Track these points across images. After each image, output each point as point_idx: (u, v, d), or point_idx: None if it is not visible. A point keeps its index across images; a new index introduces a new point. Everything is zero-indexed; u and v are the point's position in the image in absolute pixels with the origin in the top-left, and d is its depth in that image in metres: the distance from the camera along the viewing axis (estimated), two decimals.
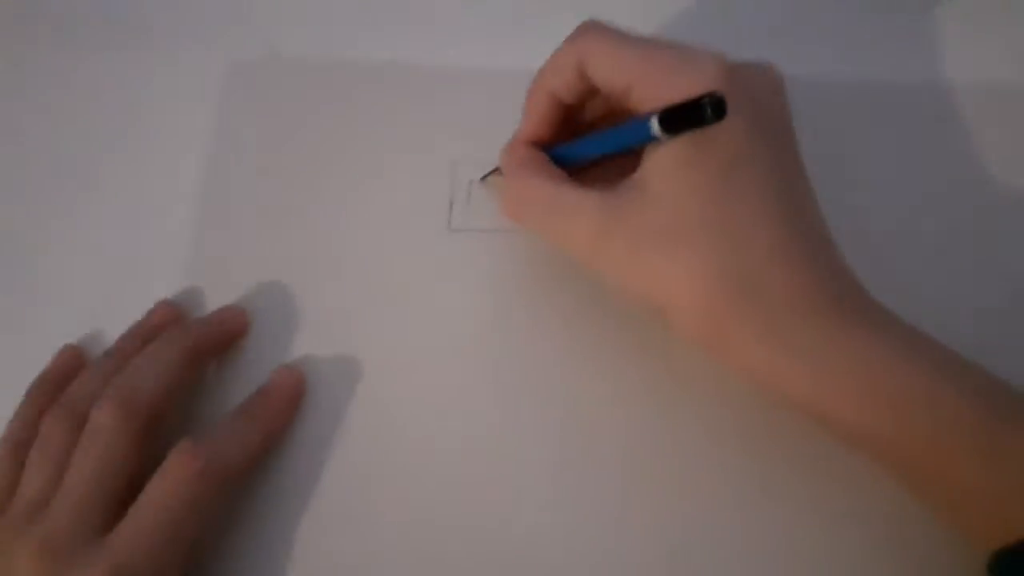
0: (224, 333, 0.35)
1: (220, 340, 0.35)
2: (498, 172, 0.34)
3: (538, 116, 0.31)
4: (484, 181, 0.36)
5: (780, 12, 0.40)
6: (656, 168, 0.28)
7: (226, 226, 0.37)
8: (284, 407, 0.33)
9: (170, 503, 0.29)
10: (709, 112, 0.25)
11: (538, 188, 0.30)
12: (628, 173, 0.29)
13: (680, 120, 0.26)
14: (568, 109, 0.31)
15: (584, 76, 0.29)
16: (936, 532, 0.29)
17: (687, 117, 0.26)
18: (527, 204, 0.31)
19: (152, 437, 0.31)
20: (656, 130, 0.26)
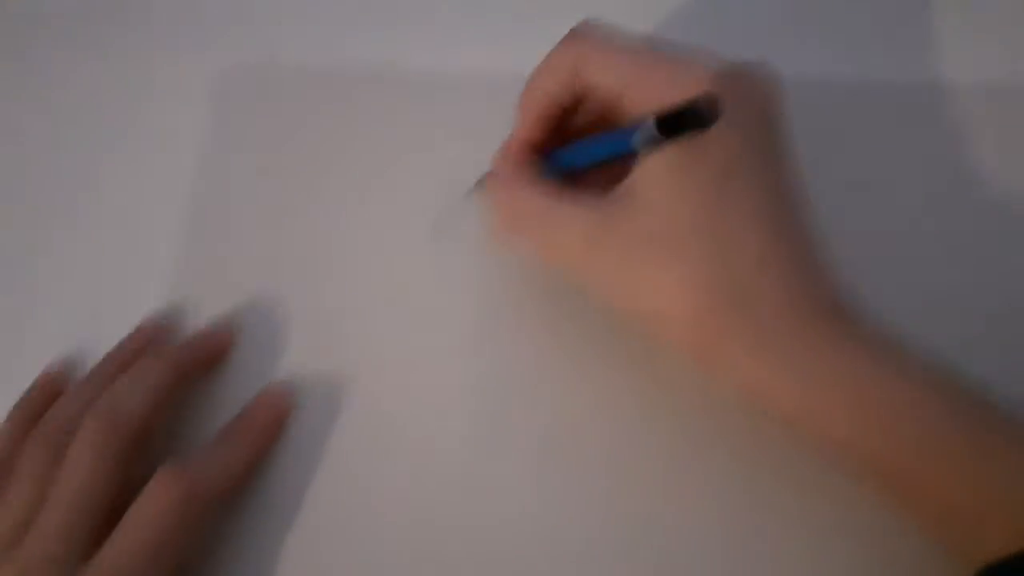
0: (209, 352, 0.34)
1: (205, 360, 0.34)
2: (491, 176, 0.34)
3: (532, 118, 0.31)
4: (477, 187, 0.36)
5: (780, 12, 0.40)
6: (648, 174, 0.28)
7: (225, 227, 0.37)
8: (269, 428, 0.33)
9: (153, 526, 0.28)
10: (703, 114, 0.25)
11: (529, 201, 0.30)
12: (621, 178, 0.28)
13: (675, 123, 0.26)
14: (562, 112, 0.31)
15: (579, 77, 0.29)
16: (922, 546, 0.29)
17: (681, 120, 0.26)
18: (519, 218, 0.30)
19: (136, 458, 0.30)
20: (650, 134, 0.26)
